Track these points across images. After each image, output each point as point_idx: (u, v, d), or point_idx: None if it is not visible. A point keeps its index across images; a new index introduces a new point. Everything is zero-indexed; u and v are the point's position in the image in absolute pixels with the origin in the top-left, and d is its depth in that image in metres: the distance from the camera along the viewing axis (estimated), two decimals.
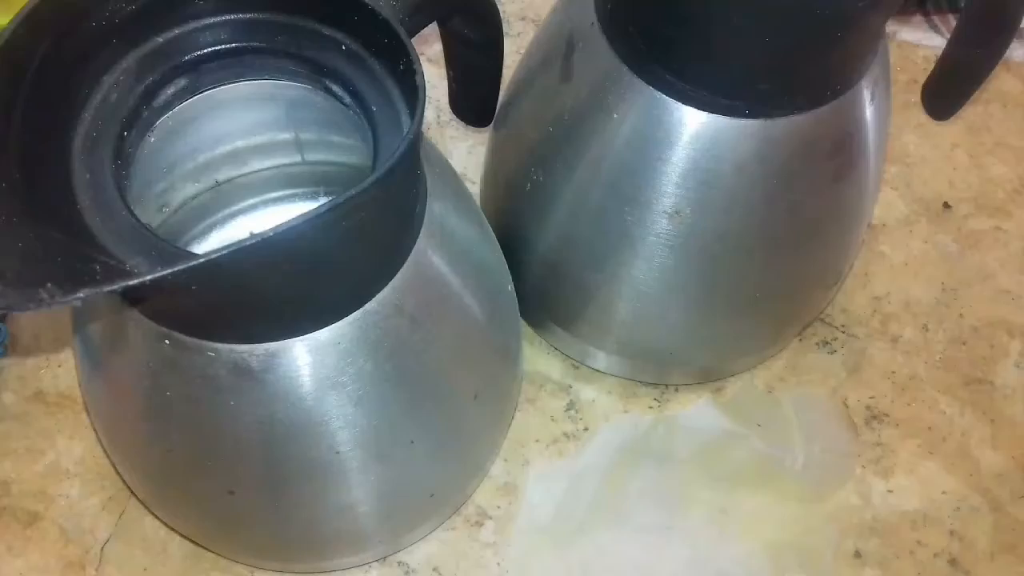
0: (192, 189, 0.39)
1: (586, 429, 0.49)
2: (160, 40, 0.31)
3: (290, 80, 0.32)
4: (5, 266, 0.23)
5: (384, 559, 0.45)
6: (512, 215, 0.45)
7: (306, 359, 0.31)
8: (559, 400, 0.50)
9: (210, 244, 0.42)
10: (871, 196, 0.42)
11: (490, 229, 0.40)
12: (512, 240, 0.43)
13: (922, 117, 0.52)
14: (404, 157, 0.27)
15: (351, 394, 0.32)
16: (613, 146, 0.37)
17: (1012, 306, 0.54)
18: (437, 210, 0.34)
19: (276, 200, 0.42)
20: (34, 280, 0.23)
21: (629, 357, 0.48)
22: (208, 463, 0.35)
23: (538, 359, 0.51)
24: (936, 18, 0.65)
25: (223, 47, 0.32)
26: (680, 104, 0.35)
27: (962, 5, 0.46)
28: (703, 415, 0.50)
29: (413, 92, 0.28)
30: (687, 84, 0.35)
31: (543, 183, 0.41)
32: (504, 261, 0.41)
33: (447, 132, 0.59)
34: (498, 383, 0.41)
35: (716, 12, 0.32)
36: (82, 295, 0.23)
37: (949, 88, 0.45)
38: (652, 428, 0.49)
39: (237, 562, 0.44)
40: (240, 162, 0.39)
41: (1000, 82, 0.62)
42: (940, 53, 0.44)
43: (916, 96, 0.47)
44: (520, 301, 0.42)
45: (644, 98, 0.36)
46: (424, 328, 0.34)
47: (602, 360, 0.49)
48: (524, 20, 0.64)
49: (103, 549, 0.45)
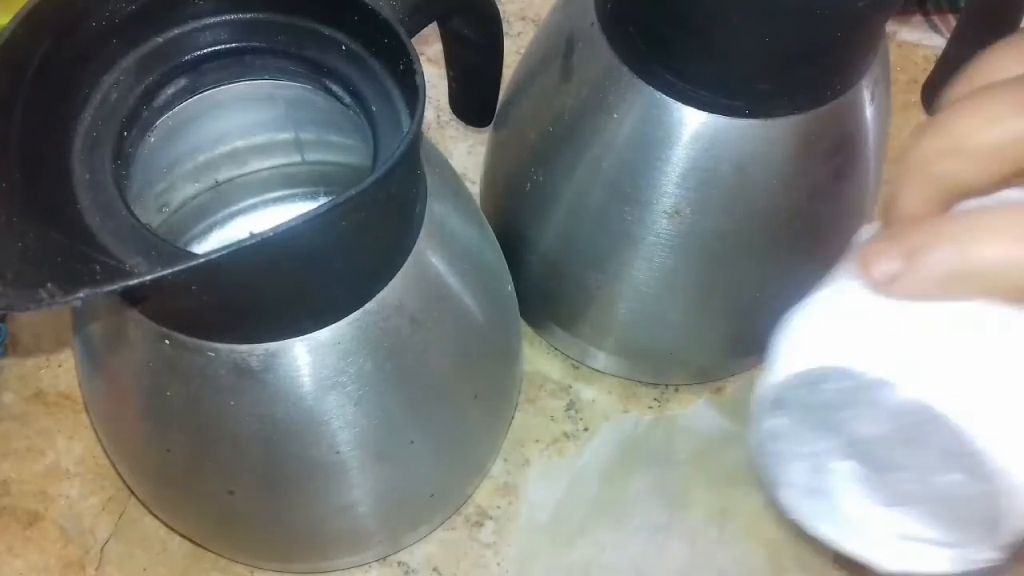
0: (192, 189, 0.39)
1: (586, 429, 0.49)
2: (160, 40, 0.31)
3: (290, 80, 0.32)
4: (5, 266, 0.23)
5: (384, 559, 0.45)
6: (512, 215, 0.45)
7: (306, 359, 0.31)
8: (559, 400, 0.50)
9: (210, 244, 0.42)
10: (871, 196, 0.42)
11: (490, 229, 0.40)
12: (512, 240, 0.43)
13: (922, 117, 0.52)
14: (404, 157, 0.27)
15: (351, 394, 0.32)
16: (613, 146, 0.37)
17: None
18: (437, 210, 0.34)
19: (276, 200, 0.42)
20: (34, 280, 0.23)
21: (629, 357, 0.48)
22: (208, 463, 0.35)
23: (538, 359, 0.51)
24: (936, 18, 0.65)
25: (223, 47, 0.32)
26: (680, 104, 0.35)
27: (962, 5, 0.46)
28: (703, 415, 0.50)
29: (413, 92, 0.28)
30: (687, 84, 0.35)
31: (543, 183, 0.41)
32: (504, 261, 0.41)
33: (447, 132, 0.59)
34: (498, 383, 0.41)
35: (716, 12, 0.32)
36: (82, 295, 0.23)
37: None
38: (652, 428, 0.49)
39: (237, 562, 0.44)
40: (240, 162, 0.39)
41: None
42: (940, 53, 0.44)
43: (916, 96, 0.47)
44: (520, 301, 0.42)
45: (644, 98, 0.36)
46: (424, 328, 0.34)
47: (602, 360, 0.49)
48: (524, 20, 0.64)
49: (103, 549, 0.45)
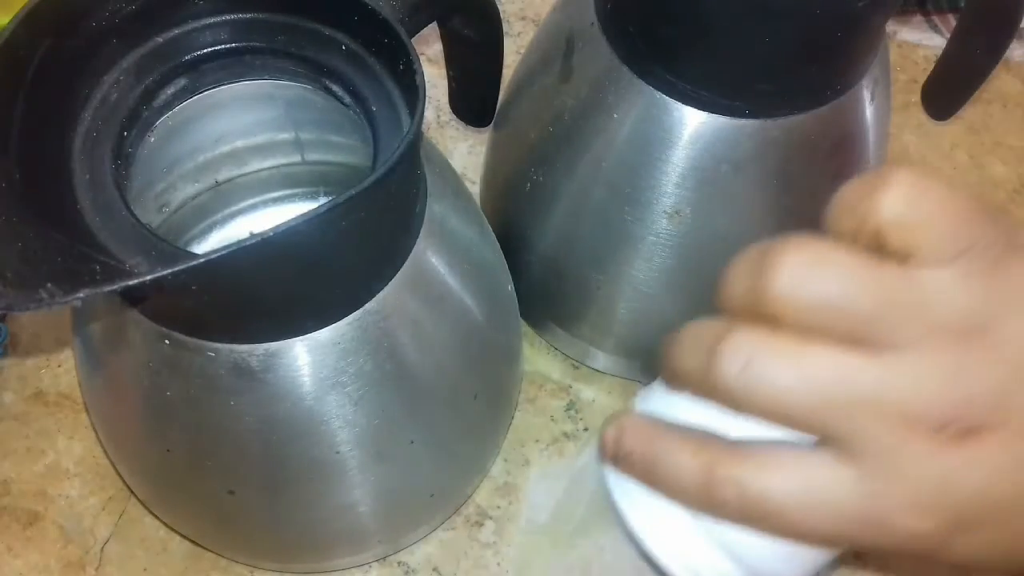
0: (192, 189, 0.39)
1: (586, 429, 0.49)
2: (160, 40, 0.31)
3: (290, 80, 0.32)
4: (5, 266, 0.23)
5: (384, 559, 0.45)
6: (512, 215, 0.45)
7: (306, 359, 0.31)
8: (559, 400, 0.50)
9: (210, 244, 0.42)
10: None
11: (490, 229, 0.40)
12: (512, 240, 0.43)
13: (922, 117, 0.52)
14: (404, 157, 0.27)
15: (351, 394, 0.32)
16: (613, 146, 0.37)
17: None
18: (437, 210, 0.34)
19: (276, 200, 0.42)
20: (34, 280, 0.23)
21: (629, 357, 0.48)
22: (208, 463, 0.34)
23: (538, 359, 0.51)
24: (936, 18, 0.65)
25: (223, 47, 0.32)
26: (680, 104, 0.35)
27: (962, 5, 0.46)
28: None
29: (413, 92, 0.28)
30: (687, 84, 0.35)
31: (543, 183, 0.41)
32: (504, 261, 0.41)
33: (447, 132, 0.59)
34: (498, 383, 0.41)
35: (716, 12, 0.32)
36: (82, 295, 0.23)
37: (949, 88, 0.45)
38: None
39: (237, 562, 0.44)
40: (240, 162, 0.39)
41: (1000, 82, 0.62)
42: (940, 53, 0.44)
43: (916, 96, 0.47)
44: (520, 301, 0.42)
45: (644, 98, 0.36)
46: (424, 328, 0.34)
47: (602, 360, 0.49)
48: (524, 20, 0.64)
49: (103, 549, 0.45)
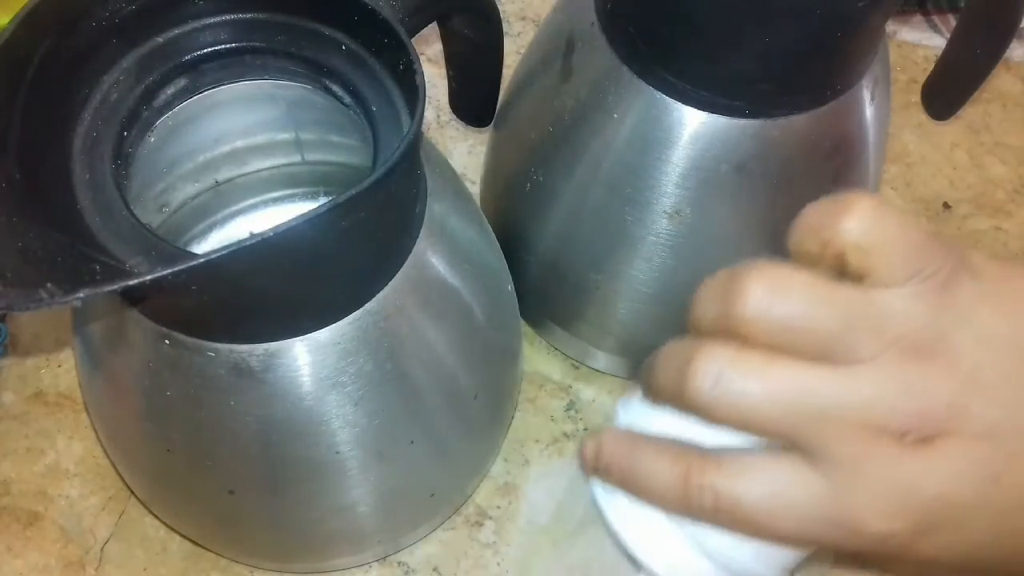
0: (192, 189, 0.39)
1: (586, 429, 0.49)
2: (160, 40, 0.31)
3: (290, 80, 0.32)
4: (5, 266, 0.23)
5: (384, 559, 0.45)
6: (512, 215, 0.45)
7: (306, 359, 0.31)
8: (559, 400, 0.50)
9: (210, 244, 0.42)
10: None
11: (490, 229, 0.40)
12: (512, 240, 0.43)
13: (922, 117, 0.52)
14: (404, 157, 0.27)
15: (351, 394, 0.32)
16: (613, 146, 0.37)
17: None
18: (437, 210, 0.34)
19: (276, 200, 0.42)
20: (34, 280, 0.23)
21: (629, 357, 0.48)
22: (208, 463, 0.34)
23: (538, 359, 0.51)
24: (936, 18, 0.65)
25: (223, 47, 0.32)
26: (680, 104, 0.35)
27: (962, 5, 0.46)
28: None
29: (413, 92, 0.28)
30: (687, 84, 0.35)
31: (543, 183, 0.41)
32: (504, 261, 0.41)
33: (447, 132, 0.59)
34: (498, 383, 0.41)
35: (716, 12, 0.32)
36: (82, 295, 0.23)
37: (949, 88, 0.45)
38: None
39: (237, 562, 0.44)
40: (240, 162, 0.39)
41: (1000, 82, 0.62)
42: (940, 53, 0.44)
43: (916, 96, 0.47)
44: (520, 301, 0.42)
45: (644, 98, 0.36)
46: (424, 328, 0.34)
47: (602, 360, 0.49)
48: (524, 20, 0.64)
49: (103, 549, 0.45)
